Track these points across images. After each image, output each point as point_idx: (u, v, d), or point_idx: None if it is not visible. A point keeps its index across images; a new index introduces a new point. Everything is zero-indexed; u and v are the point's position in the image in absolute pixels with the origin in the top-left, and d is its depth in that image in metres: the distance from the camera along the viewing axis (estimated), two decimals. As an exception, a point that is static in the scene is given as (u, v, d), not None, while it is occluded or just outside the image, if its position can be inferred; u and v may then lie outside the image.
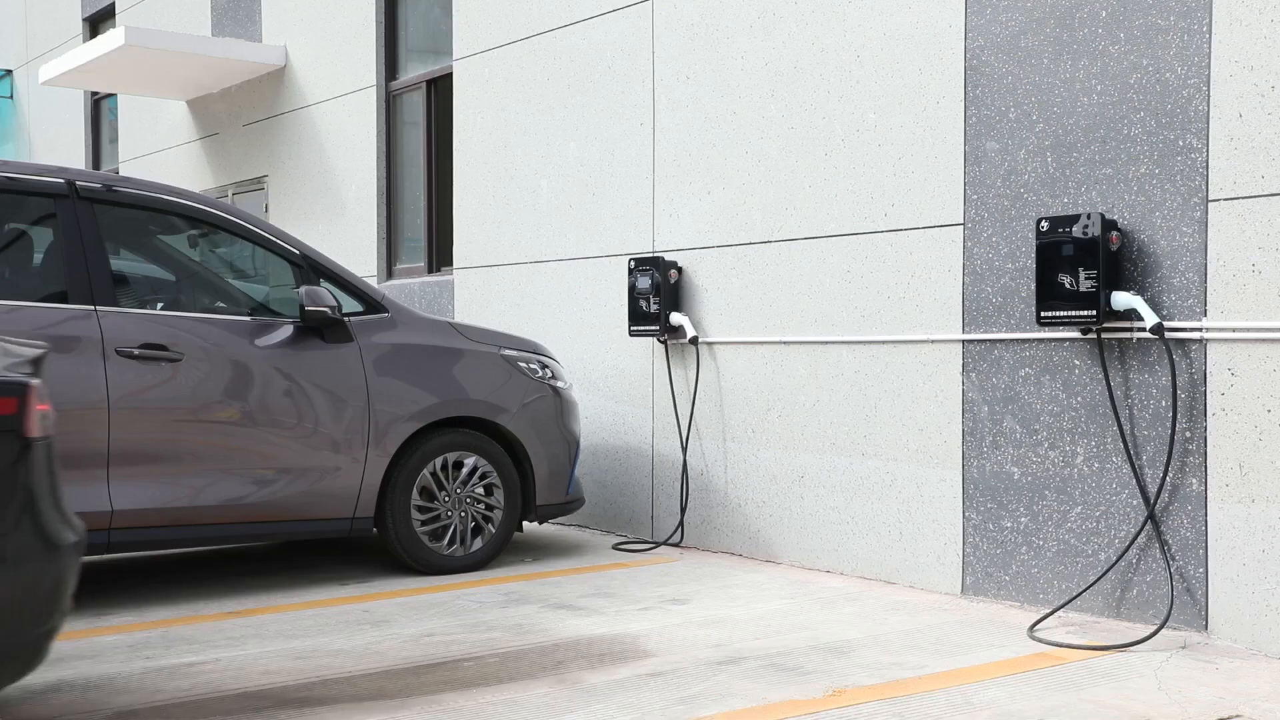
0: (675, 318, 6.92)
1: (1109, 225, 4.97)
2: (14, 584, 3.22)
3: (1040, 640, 4.83)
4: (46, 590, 3.31)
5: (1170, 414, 4.89)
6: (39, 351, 3.55)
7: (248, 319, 5.79)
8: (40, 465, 3.33)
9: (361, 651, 4.74)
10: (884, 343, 5.95)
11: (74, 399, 5.26)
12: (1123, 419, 5.04)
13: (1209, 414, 4.77)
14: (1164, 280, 4.90)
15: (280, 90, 11.38)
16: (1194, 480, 4.83)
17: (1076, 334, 5.18)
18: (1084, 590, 5.14)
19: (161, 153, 13.68)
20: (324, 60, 10.69)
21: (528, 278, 8.18)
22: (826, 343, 6.22)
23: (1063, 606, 5.18)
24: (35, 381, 3.36)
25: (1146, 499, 4.95)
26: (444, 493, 6.24)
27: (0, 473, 3.20)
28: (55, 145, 16.88)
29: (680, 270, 6.99)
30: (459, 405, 6.26)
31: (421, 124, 9.66)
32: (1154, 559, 4.96)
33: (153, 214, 5.79)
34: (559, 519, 7.91)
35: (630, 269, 7.08)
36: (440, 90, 9.49)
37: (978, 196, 5.55)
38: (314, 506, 5.84)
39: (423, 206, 9.63)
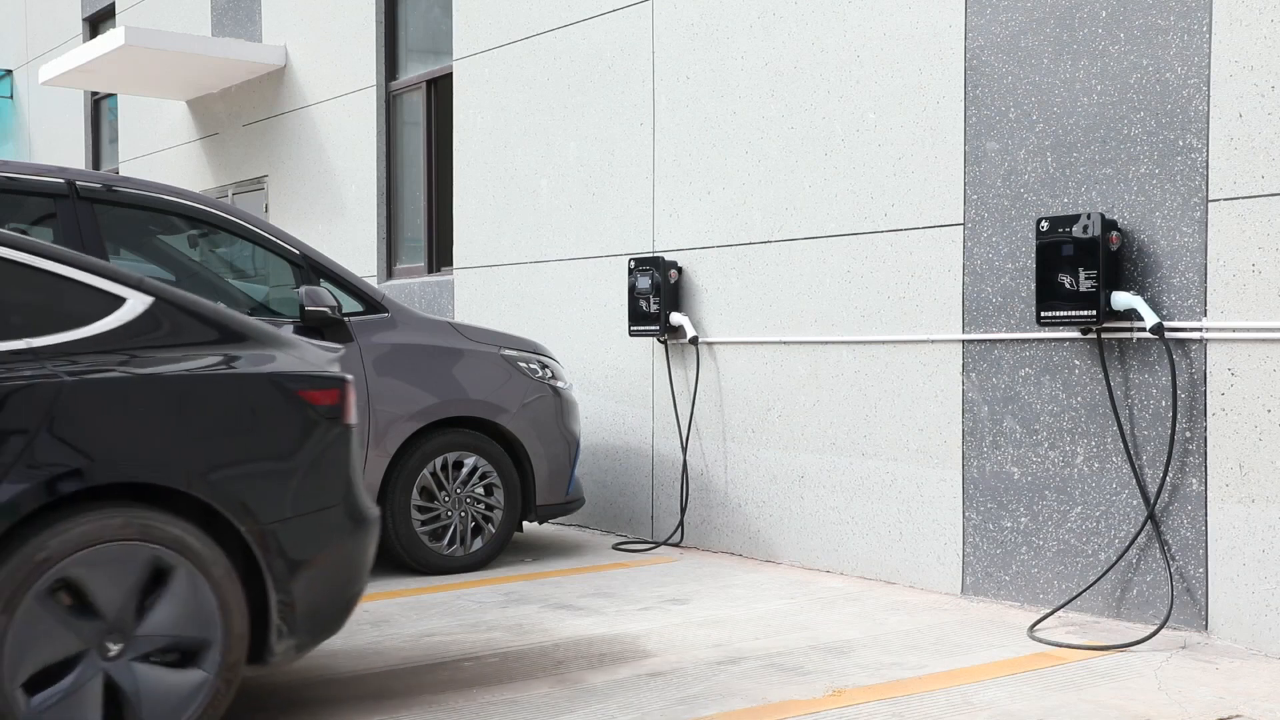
0: (675, 318, 6.92)
1: (1109, 225, 4.97)
2: (336, 551, 3.72)
3: (1040, 640, 4.83)
4: (358, 557, 3.80)
5: (1170, 414, 4.89)
6: (340, 351, 4.09)
7: (248, 319, 5.78)
8: (354, 448, 3.84)
9: (361, 651, 4.74)
10: (884, 343, 5.95)
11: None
12: (1123, 419, 5.04)
13: (1209, 414, 4.77)
14: (1164, 280, 4.90)
15: (280, 90, 11.38)
16: (1194, 480, 4.83)
17: (1076, 334, 5.18)
18: (1084, 590, 5.14)
19: (161, 153, 13.69)
20: (324, 60, 10.69)
21: (527, 278, 8.18)
22: (826, 343, 6.22)
23: (1063, 606, 5.18)
24: (350, 376, 3.89)
25: (1146, 499, 4.95)
26: (444, 493, 6.24)
27: (325, 454, 3.73)
28: (55, 145, 16.88)
29: (680, 270, 6.99)
30: (459, 405, 6.25)
31: (421, 124, 9.66)
32: (1154, 559, 4.96)
33: (153, 214, 5.79)
34: (559, 519, 7.91)
35: (630, 269, 7.08)
36: (440, 90, 9.49)
37: (978, 196, 5.55)
38: (314, 506, 5.83)
39: (423, 206, 9.63)
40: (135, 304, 3.58)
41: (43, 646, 3.24)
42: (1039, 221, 5.14)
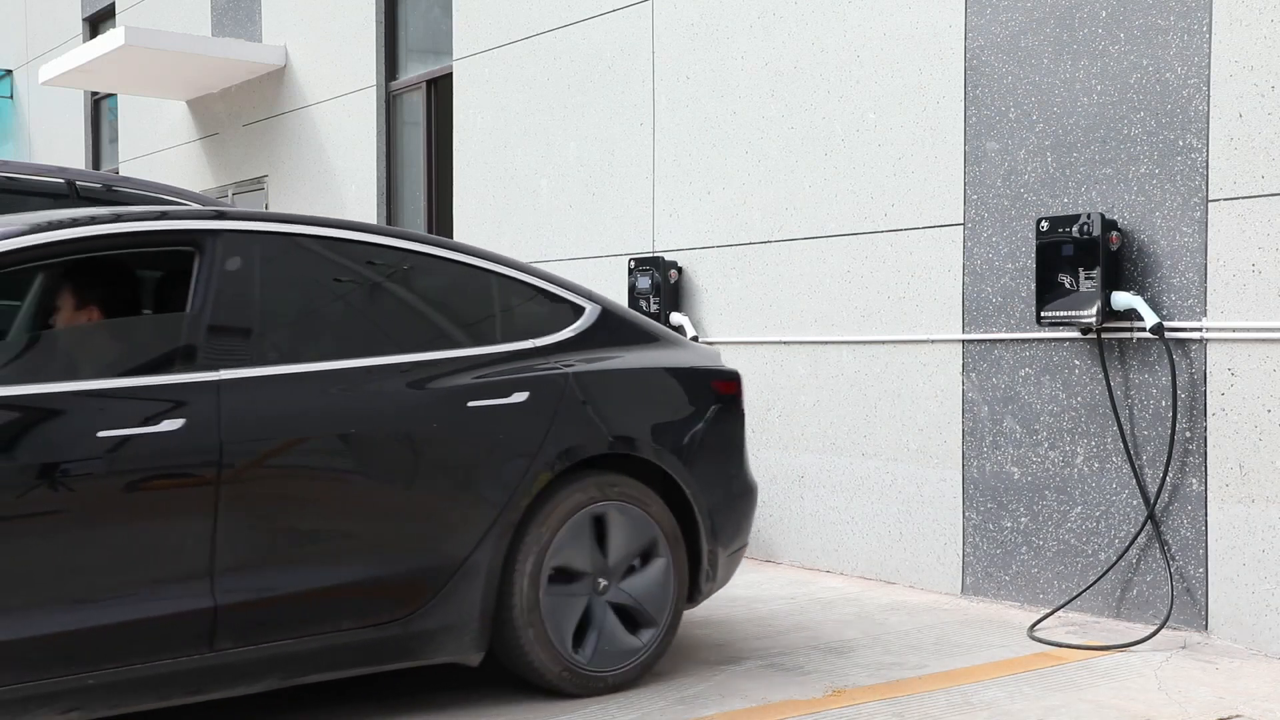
0: (675, 318, 6.92)
1: (1109, 225, 4.97)
2: (737, 512, 4.49)
3: (1040, 640, 4.83)
4: (749, 516, 4.59)
5: (1170, 414, 4.89)
6: (718, 350, 4.99)
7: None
8: (745, 428, 4.62)
9: (361, 651, 4.73)
10: (884, 343, 5.95)
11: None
12: (1123, 419, 5.04)
13: (1209, 414, 4.77)
14: (1164, 280, 4.90)
15: (280, 90, 11.38)
16: (1194, 480, 4.83)
17: (1076, 334, 5.18)
18: (1084, 590, 5.14)
19: (161, 153, 13.69)
20: (324, 60, 10.69)
21: (528, 278, 8.17)
22: (826, 343, 6.22)
23: (1063, 606, 5.18)
24: (739, 371, 5.12)
25: (1146, 499, 4.95)
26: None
27: (731, 433, 4.50)
28: (55, 145, 16.89)
29: (680, 270, 6.99)
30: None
31: (421, 124, 9.67)
32: (1154, 559, 4.97)
33: (153, 214, 5.78)
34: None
35: (630, 269, 7.08)
36: (440, 90, 9.49)
37: (978, 196, 5.55)
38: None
39: (423, 207, 9.64)
40: (591, 312, 4.36)
41: (570, 553, 4.05)
42: (1039, 221, 5.14)
